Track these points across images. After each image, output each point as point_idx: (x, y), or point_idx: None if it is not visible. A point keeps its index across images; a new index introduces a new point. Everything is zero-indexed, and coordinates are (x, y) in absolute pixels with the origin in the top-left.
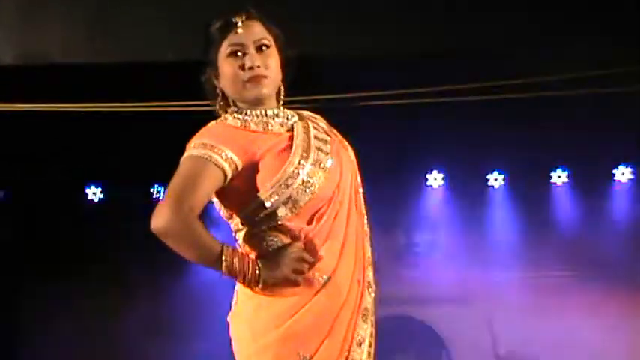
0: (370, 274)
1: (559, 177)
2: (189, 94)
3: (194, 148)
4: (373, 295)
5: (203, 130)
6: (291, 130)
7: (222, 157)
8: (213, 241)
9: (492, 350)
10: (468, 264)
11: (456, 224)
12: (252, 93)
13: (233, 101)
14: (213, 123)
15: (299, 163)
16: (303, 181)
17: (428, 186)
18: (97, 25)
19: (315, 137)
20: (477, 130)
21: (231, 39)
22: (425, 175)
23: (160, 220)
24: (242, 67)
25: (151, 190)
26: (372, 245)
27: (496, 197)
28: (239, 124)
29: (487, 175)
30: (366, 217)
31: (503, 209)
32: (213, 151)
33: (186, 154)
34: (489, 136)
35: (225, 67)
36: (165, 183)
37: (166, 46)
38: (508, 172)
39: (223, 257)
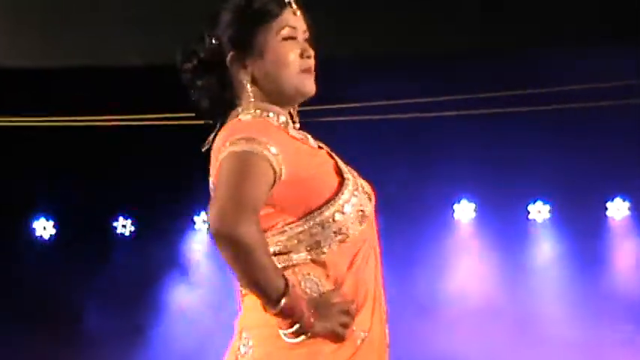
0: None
1: (618, 209)
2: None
3: (242, 142)
4: None
5: (241, 125)
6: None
7: (275, 160)
8: (277, 269)
9: None
10: (505, 319)
11: (490, 267)
12: (308, 85)
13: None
14: (247, 117)
15: (353, 189)
16: (356, 209)
17: (456, 219)
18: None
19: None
20: (514, 149)
21: (287, 19)
22: (452, 205)
23: (230, 226)
24: (301, 54)
25: (114, 224)
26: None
27: (539, 233)
28: (281, 125)
29: (528, 205)
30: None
31: (549, 248)
32: (265, 148)
33: (231, 149)
34: (530, 158)
35: (280, 49)
36: (130, 215)
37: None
38: (554, 202)
39: (284, 301)
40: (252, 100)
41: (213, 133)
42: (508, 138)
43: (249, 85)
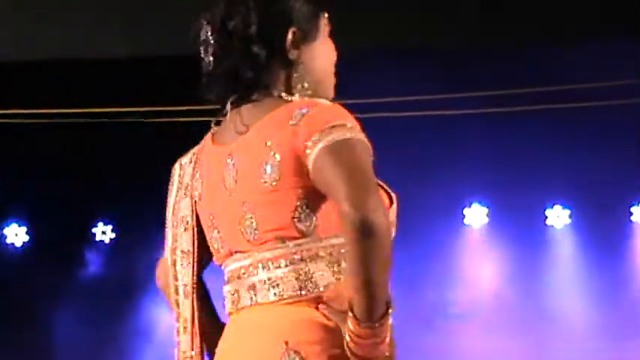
0: None
1: None
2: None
3: (356, 129)
4: None
5: (337, 108)
6: None
7: None
8: None
9: None
10: (520, 332)
11: (504, 276)
12: (333, 89)
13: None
14: (325, 101)
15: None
16: None
17: (466, 225)
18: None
19: None
20: (530, 150)
21: (327, 17)
22: (462, 210)
23: (384, 217)
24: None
25: (93, 230)
26: None
27: (558, 240)
28: None
29: (546, 209)
30: None
31: (569, 256)
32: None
33: (351, 135)
34: (548, 159)
35: (329, 46)
36: (110, 219)
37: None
38: (574, 207)
39: (387, 319)
40: (301, 84)
41: (229, 105)
42: (523, 138)
43: (301, 66)
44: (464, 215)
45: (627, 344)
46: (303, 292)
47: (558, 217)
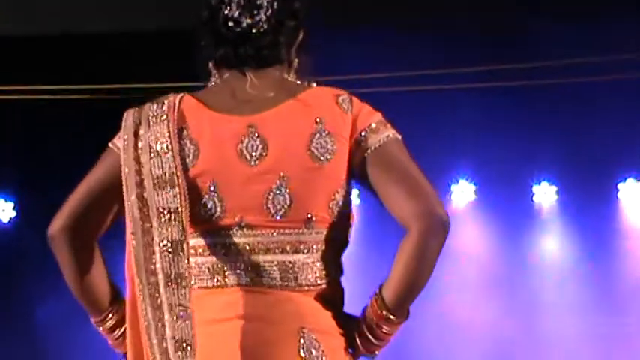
0: None
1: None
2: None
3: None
4: None
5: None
6: None
7: None
8: None
9: None
10: (503, 307)
11: (490, 254)
12: None
13: None
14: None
15: None
16: None
17: (453, 201)
18: None
19: None
20: (518, 126)
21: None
22: (449, 186)
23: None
24: None
25: None
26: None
27: (545, 217)
28: None
29: (532, 186)
30: None
31: (556, 233)
32: None
33: (394, 135)
34: (535, 135)
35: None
36: None
37: None
38: (561, 183)
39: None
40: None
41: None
42: (510, 113)
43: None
44: (451, 192)
45: (614, 316)
46: (317, 282)
47: (545, 193)
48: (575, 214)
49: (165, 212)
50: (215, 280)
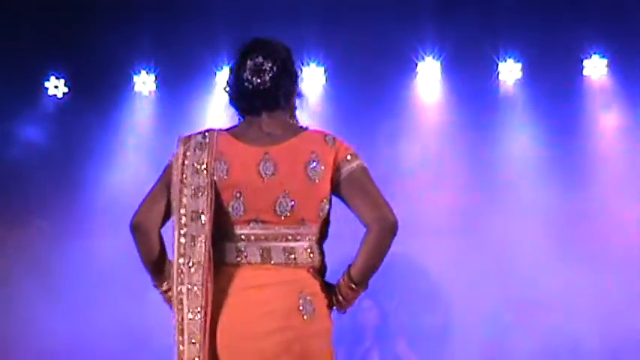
0: None
1: (595, 67)
2: None
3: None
4: None
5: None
6: None
7: None
8: None
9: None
10: (465, 190)
11: (456, 127)
12: None
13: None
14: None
15: None
16: None
17: (417, 73)
18: None
19: None
20: (483, 5)
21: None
22: (416, 65)
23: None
24: None
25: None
26: None
27: (509, 96)
28: None
29: (498, 61)
30: None
31: (520, 114)
32: None
33: (361, 164)
34: (496, 10)
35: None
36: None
37: None
38: (526, 60)
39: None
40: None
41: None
42: None
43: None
44: (417, 72)
45: (577, 193)
46: (309, 261)
47: (510, 71)
48: (539, 89)
49: (195, 213)
50: (240, 258)
